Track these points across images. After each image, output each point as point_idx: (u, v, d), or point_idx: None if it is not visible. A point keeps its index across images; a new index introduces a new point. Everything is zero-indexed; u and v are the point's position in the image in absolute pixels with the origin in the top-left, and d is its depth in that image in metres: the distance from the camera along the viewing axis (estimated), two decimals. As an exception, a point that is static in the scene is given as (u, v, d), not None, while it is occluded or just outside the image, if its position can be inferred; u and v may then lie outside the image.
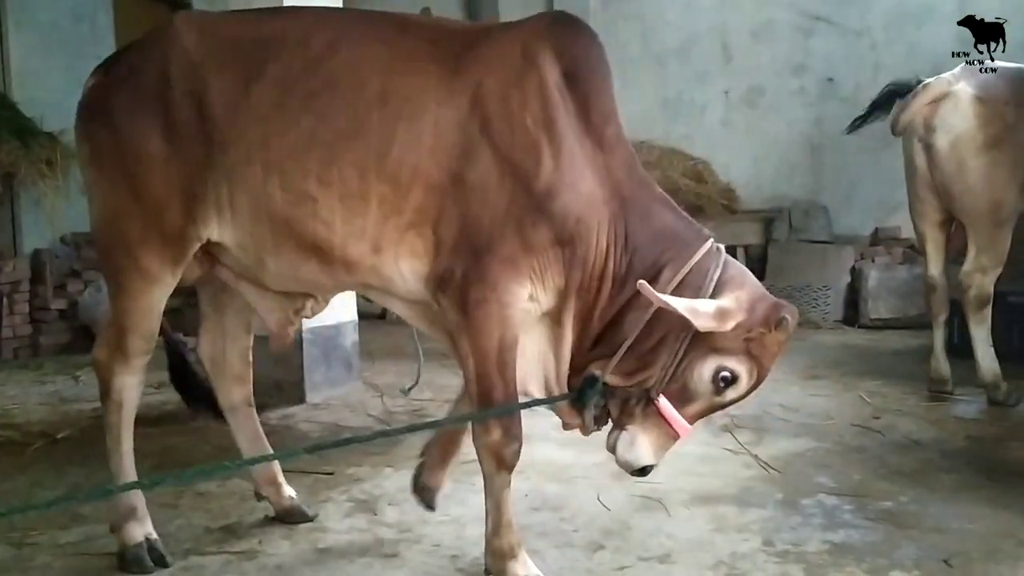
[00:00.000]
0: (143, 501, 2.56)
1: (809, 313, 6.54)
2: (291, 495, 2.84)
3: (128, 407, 2.53)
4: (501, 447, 2.23)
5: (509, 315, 2.18)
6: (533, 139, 2.17)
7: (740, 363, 2.15)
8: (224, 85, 2.28)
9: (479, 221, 2.17)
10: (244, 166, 2.27)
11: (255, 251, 2.36)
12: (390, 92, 2.22)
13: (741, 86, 7.60)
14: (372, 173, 2.21)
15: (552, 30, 2.29)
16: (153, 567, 2.45)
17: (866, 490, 3.01)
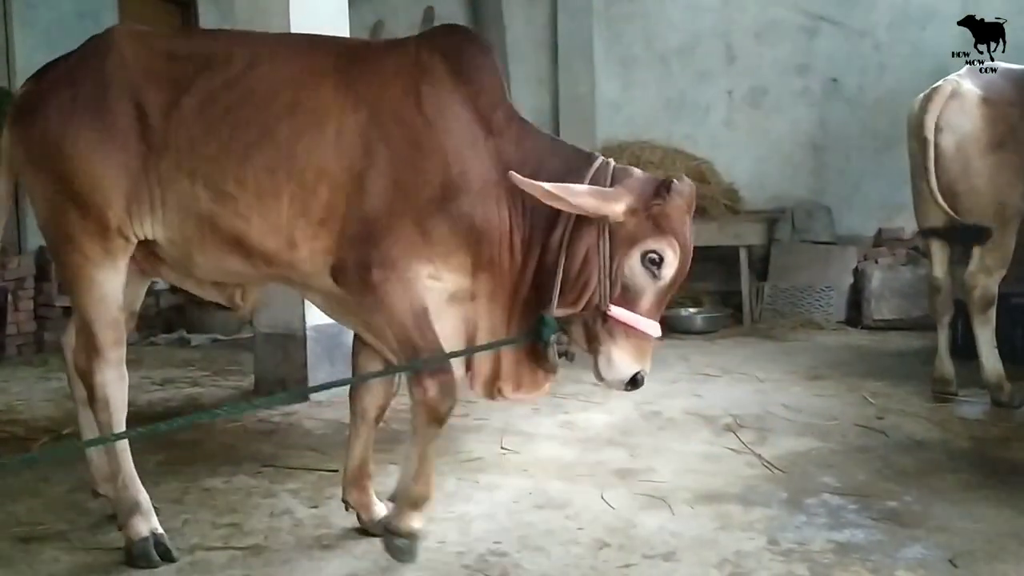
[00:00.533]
0: (147, 496, 2.59)
1: (812, 314, 6.55)
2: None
3: (115, 403, 2.57)
4: (437, 403, 2.36)
5: (413, 285, 2.34)
6: (425, 142, 2.37)
7: (657, 240, 2.29)
8: (159, 96, 2.49)
9: (377, 217, 2.35)
10: (174, 170, 2.47)
11: (184, 247, 2.54)
12: (298, 103, 2.43)
13: (744, 86, 7.60)
14: (282, 173, 2.40)
15: (441, 40, 2.51)
16: (160, 561, 2.48)
17: (870, 490, 3.02)
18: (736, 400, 4.29)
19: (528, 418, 4.06)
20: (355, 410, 2.70)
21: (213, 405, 4.39)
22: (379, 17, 8.31)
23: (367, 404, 2.68)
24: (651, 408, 4.17)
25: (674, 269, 2.31)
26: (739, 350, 5.62)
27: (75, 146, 2.48)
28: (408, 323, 2.34)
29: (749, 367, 5.02)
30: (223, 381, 4.93)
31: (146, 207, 2.50)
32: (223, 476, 3.23)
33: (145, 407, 4.39)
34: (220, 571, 2.45)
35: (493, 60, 2.53)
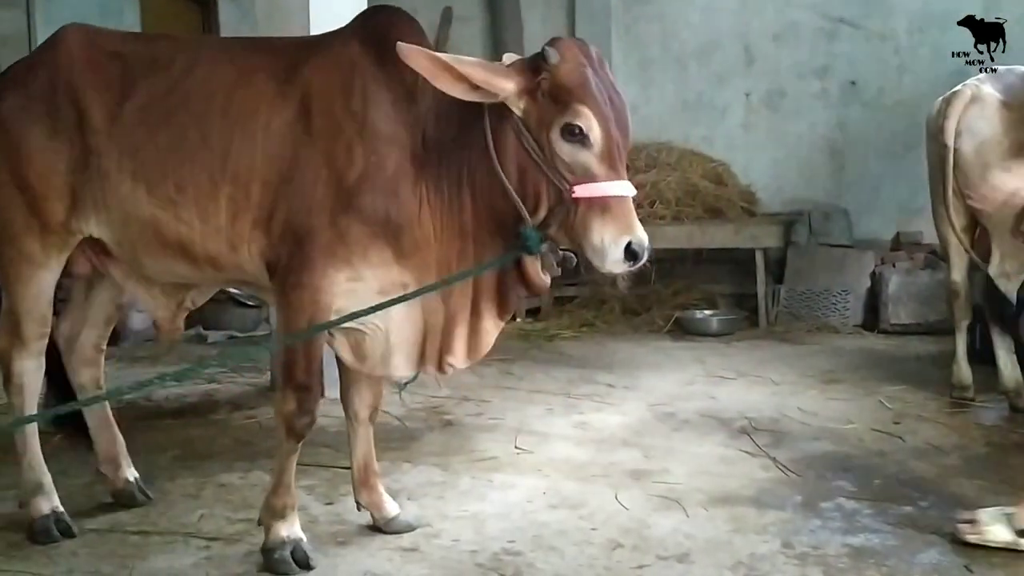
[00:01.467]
0: (49, 477, 2.72)
1: (828, 317, 6.50)
2: (128, 477, 2.95)
3: (30, 390, 2.71)
4: (293, 417, 2.41)
5: (321, 299, 2.34)
6: (347, 138, 2.35)
7: (563, 113, 2.14)
8: (102, 97, 2.52)
9: (300, 214, 2.36)
10: (116, 173, 2.50)
11: (130, 249, 2.58)
12: (231, 103, 2.45)
13: (762, 88, 7.57)
14: (218, 174, 2.43)
15: (365, 24, 2.48)
16: (60, 537, 2.63)
17: (886, 495, 3.00)
18: (751, 403, 4.28)
19: (542, 418, 4.06)
20: (348, 414, 2.73)
21: (229, 401, 4.41)
22: (397, 17, 8.32)
23: (357, 406, 2.71)
24: (666, 410, 4.17)
25: (600, 128, 2.14)
26: (755, 353, 5.60)
27: (24, 142, 2.56)
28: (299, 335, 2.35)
29: (765, 370, 5.00)
30: (239, 377, 4.95)
31: (90, 206, 2.55)
32: (238, 472, 3.25)
33: (163, 402, 4.42)
34: (236, 566, 2.47)
35: (417, 34, 2.41)
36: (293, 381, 2.40)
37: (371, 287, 2.37)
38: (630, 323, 6.52)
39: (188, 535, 2.67)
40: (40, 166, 2.55)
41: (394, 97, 2.36)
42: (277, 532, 2.45)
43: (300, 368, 2.39)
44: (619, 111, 2.21)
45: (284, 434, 2.44)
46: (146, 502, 2.94)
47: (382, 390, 2.77)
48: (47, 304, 2.67)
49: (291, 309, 2.37)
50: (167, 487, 3.10)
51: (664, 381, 4.78)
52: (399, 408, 4.17)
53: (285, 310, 2.40)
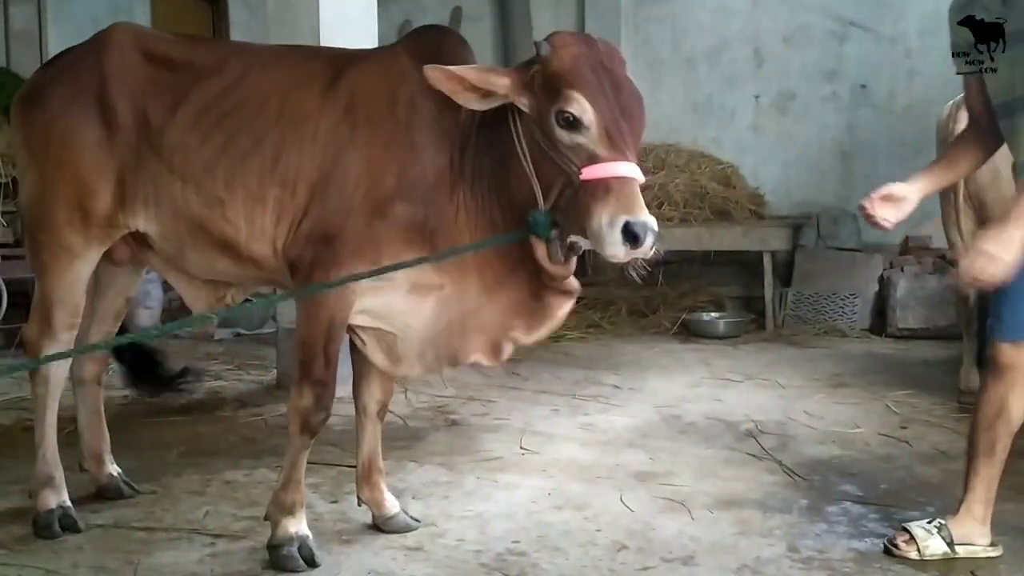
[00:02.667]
0: (61, 472, 2.73)
1: (836, 321, 6.49)
2: (111, 472, 2.98)
3: (54, 380, 2.72)
4: (309, 413, 2.42)
5: (345, 296, 2.36)
6: (388, 143, 2.39)
7: (555, 102, 2.15)
8: (156, 100, 2.58)
9: (336, 214, 2.39)
10: (167, 173, 2.55)
11: (177, 244, 2.62)
12: (284, 108, 2.50)
13: (772, 91, 7.55)
14: (267, 178, 2.46)
15: (416, 42, 2.54)
16: (61, 532, 2.63)
17: (893, 499, 2.99)
18: (758, 406, 4.27)
19: (548, 419, 4.06)
20: (357, 407, 2.75)
21: (235, 399, 4.42)
22: (407, 17, 8.33)
23: (367, 400, 2.72)
24: (672, 412, 4.16)
25: (595, 111, 2.12)
26: (762, 356, 5.59)
27: (72, 137, 2.60)
28: (321, 333, 2.38)
29: (771, 373, 4.99)
30: (245, 375, 4.96)
31: (139, 202, 2.60)
32: (244, 469, 3.26)
33: (169, 398, 4.43)
34: (240, 563, 2.48)
35: (465, 53, 2.49)
36: (311, 376, 2.41)
37: (400, 287, 2.40)
38: (637, 324, 6.52)
39: (193, 531, 2.68)
40: (91, 162, 2.59)
41: (439, 109, 2.38)
42: (285, 528, 2.45)
43: (319, 363, 2.40)
44: (626, 99, 2.20)
45: (298, 429, 2.44)
46: (132, 495, 2.96)
47: (392, 387, 2.78)
48: (80, 294, 2.70)
49: (315, 306, 2.38)
50: (173, 483, 3.11)
51: (670, 383, 4.77)
52: (404, 407, 4.17)
53: (307, 307, 2.40)
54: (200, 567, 2.45)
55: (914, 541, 2.52)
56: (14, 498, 2.93)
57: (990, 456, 2.51)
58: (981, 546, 2.52)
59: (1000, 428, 2.49)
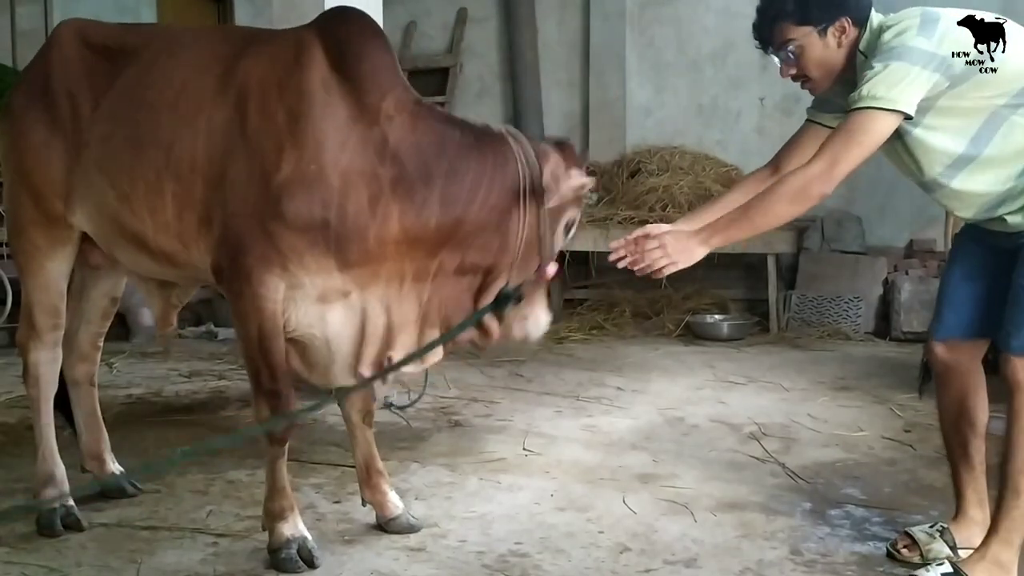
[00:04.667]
0: (62, 470, 2.75)
1: (839, 324, 6.48)
2: (114, 471, 2.98)
3: (44, 380, 2.74)
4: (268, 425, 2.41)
5: (265, 306, 2.30)
6: (279, 137, 2.28)
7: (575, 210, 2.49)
8: (88, 91, 2.55)
9: (236, 215, 2.31)
10: (92, 166, 2.52)
11: (105, 242, 2.59)
12: (181, 96, 2.42)
13: (777, 94, 7.54)
14: (164, 170, 2.40)
15: (323, 27, 2.38)
16: (63, 531, 2.63)
17: (896, 503, 2.99)
18: (761, 408, 4.26)
19: (551, 420, 4.06)
20: (344, 416, 2.75)
21: (238, 398, 4.42)
22: (412, 18, 8.34)
23: (349, 409, 2.71)
24: (675, 414, 4.16)
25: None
26: (765, 358, 5.58)
27: (27, 137, 2.61)
28: (255, 344, 2.35)
29: (775, 376, 4.99)
30: (249, 375, 4.97)
31: (76, 200, 2.57)
32: (247, 469, 3.26)
33: (172, 398, 4.44)
34: (243, 562, 2.48)
35: (382, 44, 2.40)
36: (262, 388, 2.38)
37: (310, 294, 2.33)
38: (640, 326, 6.52)
39: (196, 531, 2.68)
40: (40, 161, 2.60)
41: (349, 111, 2.28)
42: (280, 533, 2.45)
43: (265, 375, 2.36)
44: None
45: (267, 441, 2.45)
46: (136, 493, 2.96)
47: (371, 395, 2.75)
48: (57, 296, 2.70)
49: (241, 319, 2.36)
50: (176, 483, 3.12)
51: (674, 385, 4.77)
52: (408, 408, 4.17)
53: (236, 319, 2.39)
54: (203, 566, 2.45)
55: (916, 546, 2.51)
56: (18, 496, 2.94)
57: (965, 460, 2.50)
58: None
59: (965, 431, 2.49)
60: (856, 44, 2.28)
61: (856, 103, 2.13)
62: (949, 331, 2.41)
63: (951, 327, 2.41)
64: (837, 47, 2.29)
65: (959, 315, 2.39)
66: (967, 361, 2.43)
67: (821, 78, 2.35)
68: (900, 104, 2.10)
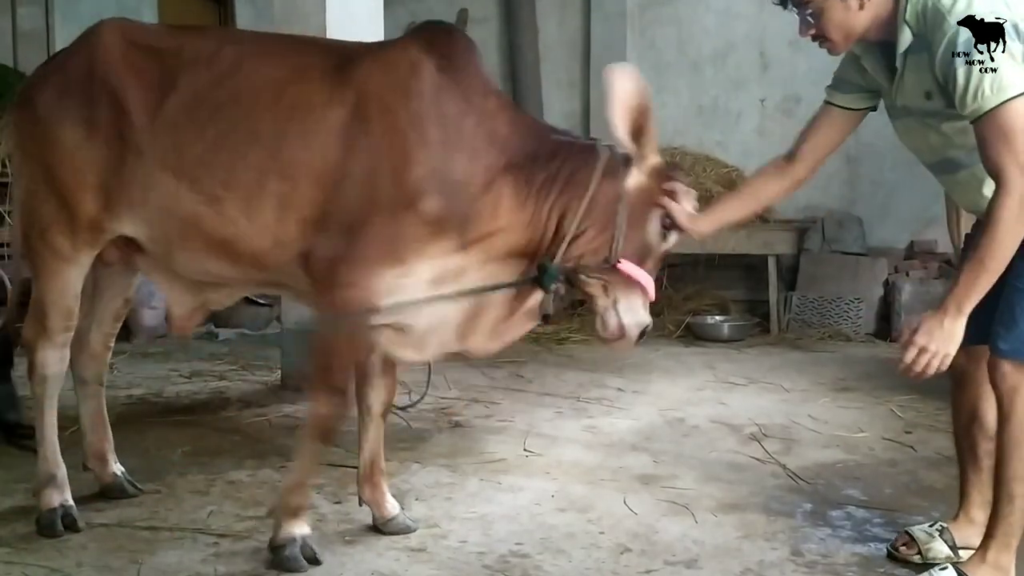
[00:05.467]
0: (63, 470, 2.73)
1: (840, 325, 6.48)
2: (115, 472, 2.98)
3: (51, 380, 2.72)
4: (327, 422, 2.41)
5: (371, 300, 2.33)
6: (405, 135, 2.36)
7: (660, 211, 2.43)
8: (142, 93, 2.49)
9: (354, 210, 2.34)
10: (157, 170, 2.47)
11: (166, 246, 2.56)
12: (284, 100, 2.43)
13: (777, 94, 7.54)
14: (269, 173, 2.40)
15: (428, 39, 2.50)
16: (63, 531, 2.63)
17: (897, 504, 2.99)
18: (762, 409, 4.26)
19: (552, 421, 4.06)
20: (361, 408, 2.72)
21: (239, 399, 4.43)
22: (413, 18, 8.33)
23: (372, 400, 2.69)
24: (676, 415, 4.16)
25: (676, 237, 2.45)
26: (766, 359, 5.58)
27: (59, 137, 2.55)
28: (339, 339, 2.36)
29: (775, 377, 4.99)
30: (250, 375, 4.97)
31: (124, 205, 2.53)
32: (248, 469, 3.26)
33: (173, 398, 4.44)
34: (244, 563, 2.48)
35: (477, 55, 2.54)
36: (330, 383, 2.37)
37: (422, 278, 2.38)
38: (641, 327, 6.50)
39: (197, 531, 2.68)
40: (75, 164, 2.53)
41: (459, 110, 2.40)
42: (288, 530, 2.44)
43: (337, 371, 2.37)
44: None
45: (316, 436, 2.43)
46: (136, 494, 2.96)
47: (396, 386, 2.76)
48: (73, 298, 2.67)
49: (337, 308, 2.35)
50: (177, 483, 3.12)
51: (674, 386, 4.77)
52: (409, 409, 4.17)
53: (332, 309, 2.37)
54: (204, 567, 2.45)
55: (915, 544, 2.51)
56: (18, 496, 2.94)
57: (974, 463, 2.50)
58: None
59: (976, 434, 2.47)
60: (894, 10, 2.19)
61: (990, 104, 2.03)
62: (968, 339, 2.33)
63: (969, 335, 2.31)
64: (859, 9, 2.21)
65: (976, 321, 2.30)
66: (980, 365, 2.36)
67: (841, 40, 2.29)
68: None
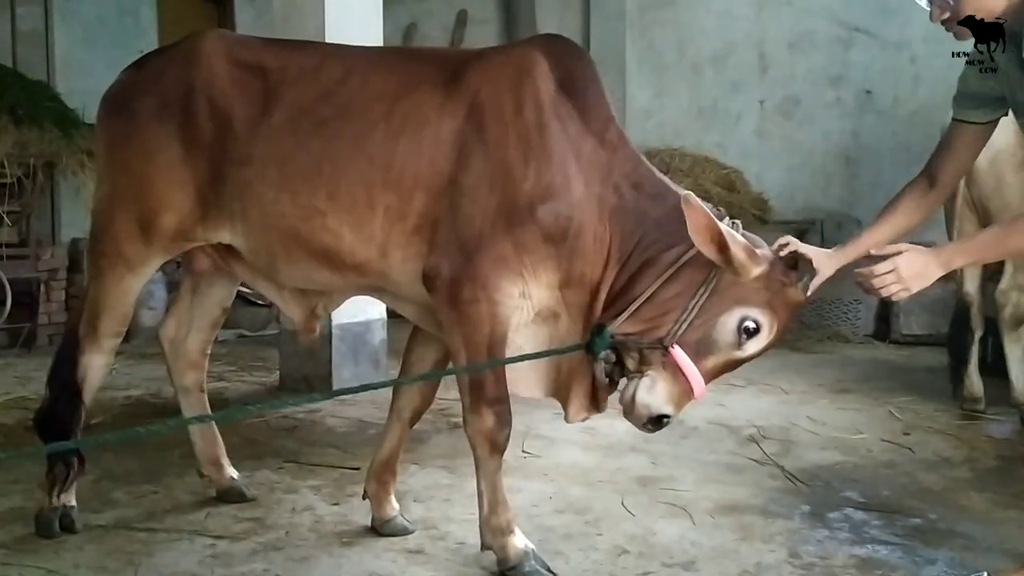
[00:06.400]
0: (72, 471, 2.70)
1: (839, 327, 6.49)
2: (232, 475, 2.98)
3: (90, 383, 2.70)
4: (494, 433, 2.36)
5: (499, 312, 2.30)
6: (524, 145, 2.31)
7: (763, 314, 2.20)
8: (245, 108, 2.48)
9: (472, 221, 2.31)
10: (259, 183, 2.45)
11: (267, 257, 2.54)
12: (393, 113, 2.39)
13: (776, 96, 7.56)
14: (378, 185, 2.37)
15: (547, 47, 2.45)
16: (60, 533, 2.62)
17: (895, 506, 2.98)
18: (760, 411, 4.26)
19: (550, 422, 4.05)
20: (393, 407, 2.71)
21: (237, 400, 4.42)
22: (413, 19, 8.35)
23: (403, 403, 2.67)
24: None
25: (759, 348, 2.23)
26: (764, 361, 5.48)
27: (158, 148, 2.53)
28: (483, 351, 2.30)
29: (774, 378, 4.99)
30: (248, 376, 4.97)
31: (225, 216, 2.51)
32: (246, 470, 3.25)
33: (171, 399, 4.41)
34: (241, 564, 2.47)
35: (597, 74, 2.46)
36: (486, 397, 2.33)
37: (531, 308, 2.35)
38: (640, 329, 6.49)
39: (194, 533, 2.68)
40: (170, 177, 2.51)
41: (579, 129, 2.33)
42: (515, 547, 2.37)
43: (490, 382, 2.32)
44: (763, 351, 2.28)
45: (488, 452, 2.37)
46: (254, 497, 2.95)
47: (433, 398, 2.72)
48: (130, 305, 2.67)
49: (470, 325, 2.30)
50: (174, 484, 3.11)
51: (673, 388, 4.75)
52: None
53: (461, 327, 2.31)
54: (201, 568, 2.45)
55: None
56: (16, 497, 2.94)
57: None
58: None
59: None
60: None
61: None
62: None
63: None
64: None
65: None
66: None
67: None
68: None
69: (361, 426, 3.93)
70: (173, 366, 2.93)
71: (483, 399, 2.34)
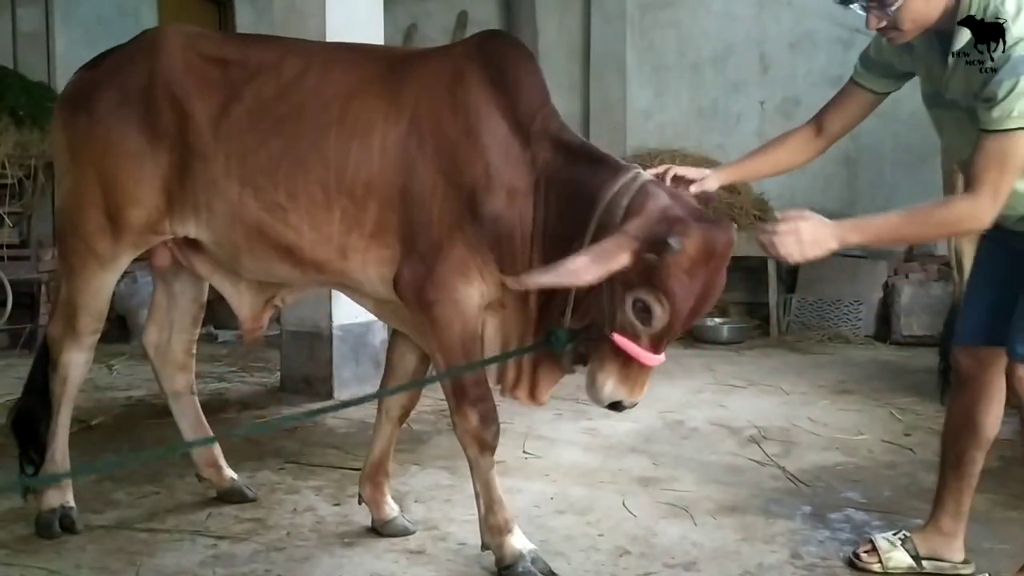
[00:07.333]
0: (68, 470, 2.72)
1: (840, 328, 6.49)
2: (231, 476, 2.98)
3: (72, 382, 2.71)
4: (481, 431, 2.38)
5: (463, 309, 2.34)
6: (460, 151, 2.34)
7: (647, 292, 2.09)
8: (206, 102, 2.49)
9: (426, 229, 2.35)
10: (222, 178, 2.47)
11: (231, 249, 2.55)
12: (347, 115, 2.41)
13: (777, 97, 7.55)
14: (333, 188, 2.40)
15: (479, 47, 2.46)
16: (60, 533, 2.63)
17: (896, 507, 2.98)
18: (761, 412, 4.26)
19: (551, 423, 4.06)
20: (380, 407, 2.72)
21: (238, 400, 4.42)
22: (413, 20, 8.35)
23: (391, 403, 2.68)
24: (675, 417, 4.15)
25: (664, 321, 2.12)
26: (765, 362, 5.58)
27: (119, 144, 2.53)
28: (457, 349, 2.34)
29: (775, 379, 4.99)
30: (249, 377, 4.97)
31: (189, 210, 2.53)
32: (247, 471, 3.25)
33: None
34: (242, 565, 2.48)
35: (533, 65, 2.47)
36: (468, 397, 2.36)
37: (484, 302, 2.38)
38: (640, 330, 6.49)
39: (196, 533, 2.68)
40: (132, 171, 2.52)
41: (508, 129, 2.34)
42: (512, 547, 2.39)
43: (471, 383, 2.35)
44: (709, 295, 2.14)
45: (478, 451, 2.39)
46: (255, 497, 2.95)
47: (419, 395, 2.75)
48: (105, 301, 2.68)
49: (439, 327, 2.34)
50: (176, 485, 3.12)
51: (674, 388, 4.77)
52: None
53: (433, 329, 2.36)
54: (202, 569, 2.45)
55: (876, 552, 2.46)
56: (16, 498, 2.93)
57: (957, 469, 2.43)
58: (951, 563, 2.45)
59: (966, 440, 2.40)
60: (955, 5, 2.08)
61: (1002, 124, 1.97)
62: (964, 337, 2.36)
63: (966, 332, 2.35)
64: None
65: (973, 320, 2.33)
66: (984, 369, 2.33)
67: (912, 31, 2.17)
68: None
69: (362, 427, 3.93)
70: (161, 372, 2.93)
71: (466, 400, 2.36)
